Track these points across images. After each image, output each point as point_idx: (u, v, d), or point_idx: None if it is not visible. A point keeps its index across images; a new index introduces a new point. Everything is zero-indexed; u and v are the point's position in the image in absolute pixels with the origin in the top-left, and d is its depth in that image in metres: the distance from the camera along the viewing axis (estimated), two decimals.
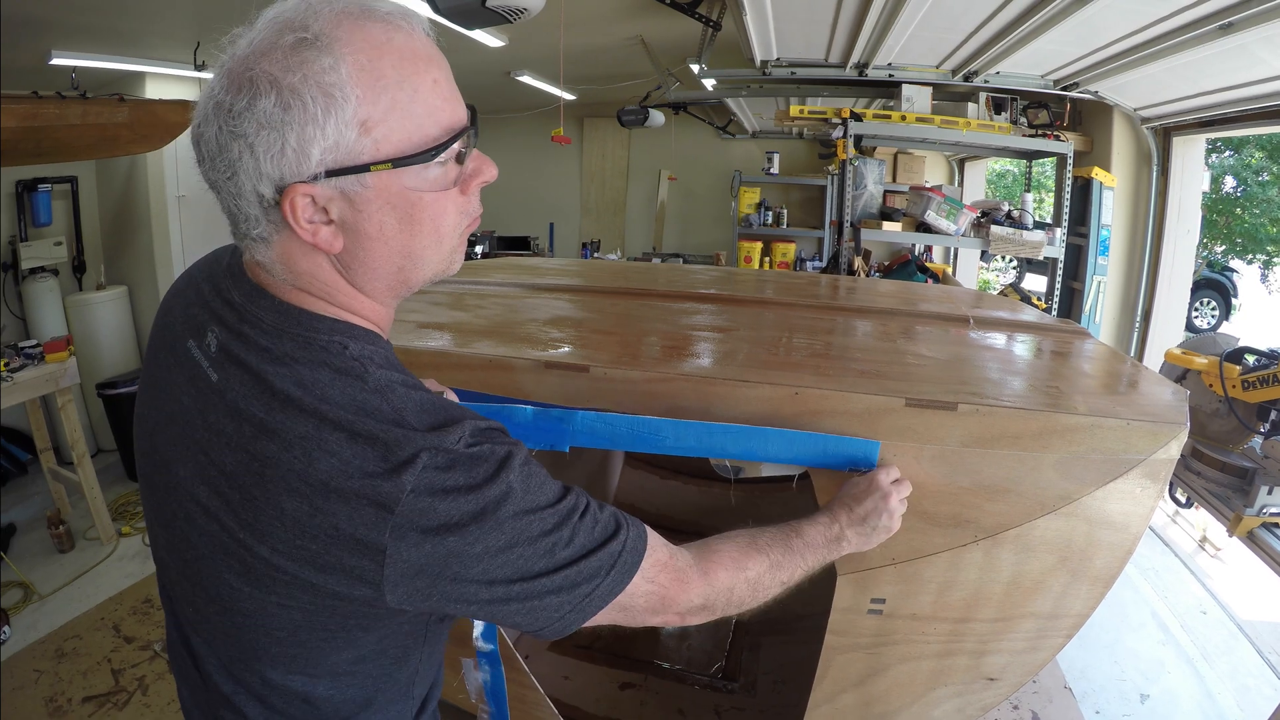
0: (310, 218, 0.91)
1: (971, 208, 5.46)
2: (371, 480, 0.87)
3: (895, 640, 1.73)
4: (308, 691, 1.03)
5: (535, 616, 0.99)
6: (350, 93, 0.86)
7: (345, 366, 0.94)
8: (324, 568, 0.90)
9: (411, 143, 0.91)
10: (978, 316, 2.56)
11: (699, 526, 3.89)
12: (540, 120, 10.43)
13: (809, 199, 9.30)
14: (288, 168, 0.87)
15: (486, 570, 0.92)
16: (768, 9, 4.22)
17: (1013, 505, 1.56)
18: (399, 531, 0.87)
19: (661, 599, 1.12)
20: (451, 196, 0.99)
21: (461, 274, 3.69)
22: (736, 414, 1.71)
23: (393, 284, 1.01)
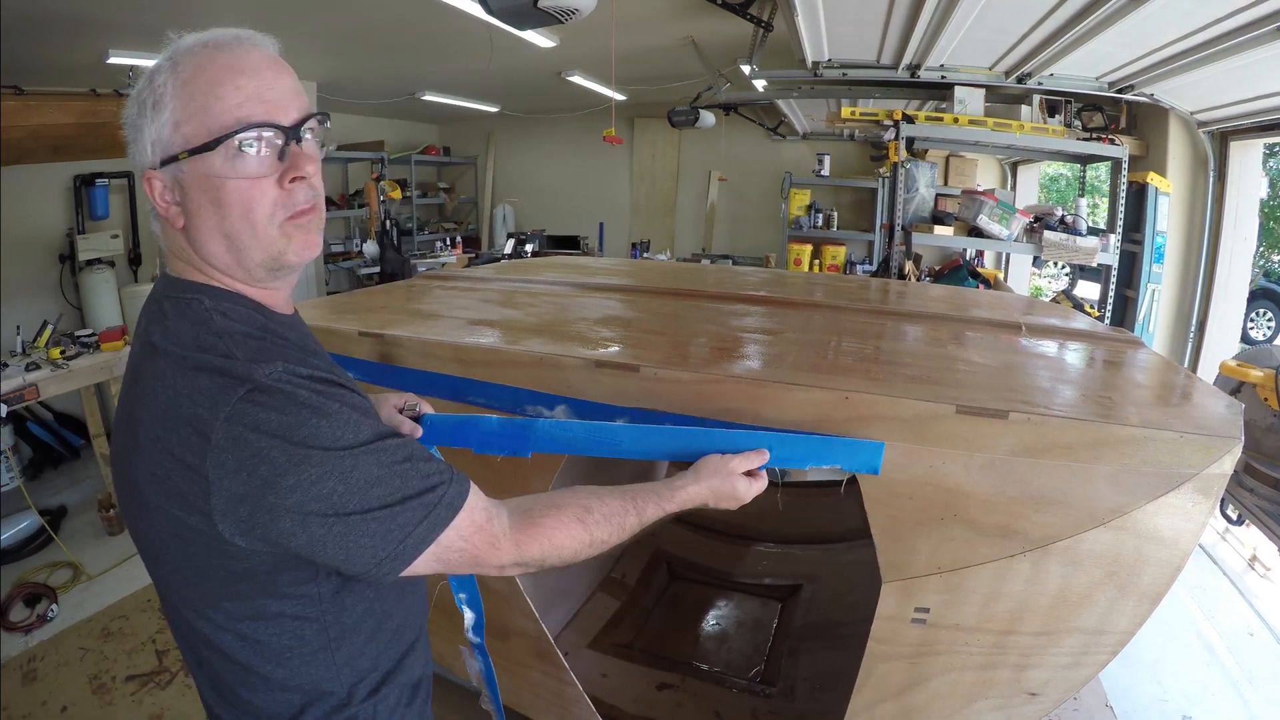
0: (163, 197, 1.12)
1: (1024, 212, 5.40)
2: (196, 409, 1.00)
3: (937, 651, 1.72)
4: (220, 638, 1.15)
5: (352, 557, 1.05)
6: (168, 100, 1.08)
7: (198, 316, 1.09)
8: (170, 493, 1.03)
9: (208, 135, 1.07)
10: (1029, 324, 2.54)
11: (742, 529, 3.93)
12: (591, 120, 10.50)
13: (860, 201, 9.25)
14: (142, 158, 1.11)
15: (300, 502, 1.00)
16: (819, 9, 4.21)
17: (1062, 517, 1.54)
18: (217, 458, 0.98)
19: (474, 558, 1.16)
20: (263, 186, 1.11)
21: (512, 272, 3.75)
22: (786, 418, 1.71)
23: (226, 261, 1.14)
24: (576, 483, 2.81)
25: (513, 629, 2.35)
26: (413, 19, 5.53)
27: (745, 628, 3.41)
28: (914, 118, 5.49)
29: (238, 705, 1.21)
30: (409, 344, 2.26)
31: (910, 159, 5.71)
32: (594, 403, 1.92)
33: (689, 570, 3.83)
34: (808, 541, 3.85)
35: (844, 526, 3.74)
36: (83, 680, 3.59)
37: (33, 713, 3.38)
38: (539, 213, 12.07)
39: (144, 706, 3.36)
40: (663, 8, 5.30)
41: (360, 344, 2.38)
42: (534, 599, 2.27)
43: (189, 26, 3.34)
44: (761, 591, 3.64)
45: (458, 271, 4.38)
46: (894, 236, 5.57)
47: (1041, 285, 11.48)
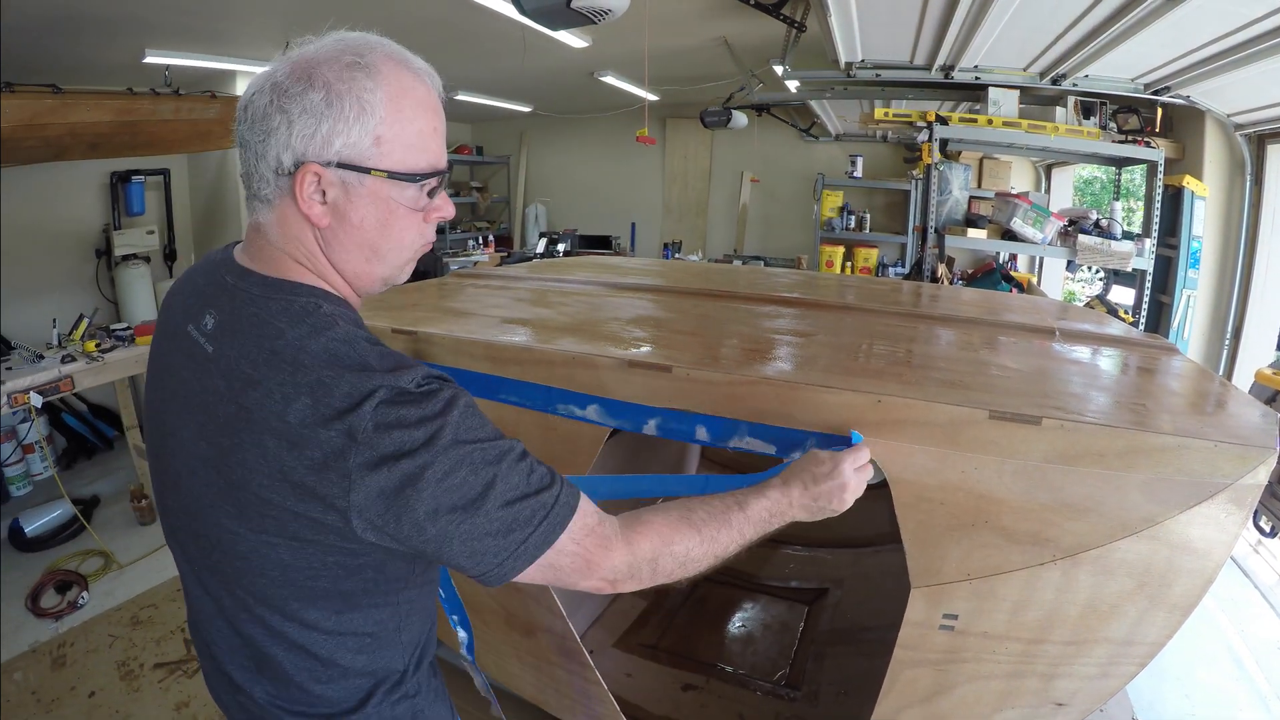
0: (311, 193, 1.13)
1: (1059, 216, 5.36)
2: (341, 416, 1.02)
3: (965, 658, 1.71)
4: (305, 636, 1.19)
5: (476, 554, 1.09)
6: (377, 112, 1.11)
7: (319, 322, 1.10)
8: (302, 497, 1.05)
9: (405, 165, 1.15)
10: (1063, 329, 2.52)
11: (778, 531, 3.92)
12: (623, 120, 10.52)
13: (892, 203, 9.20)
14: (311, 149, 1.10)
15: (434, 495, 1.04)
16: (852, 10, 4.20)
17: (1094, 525, 1.52)
18: (362, 457, 1.01)
19: (586, 561, 1.18)
20: (416, 219, 1.22)
21: (544, 271, 3.76)
22: (818, 420, 1.71)
23: (358, 270, 1.22)
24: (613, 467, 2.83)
25: (539, 626, 2.36)
26: (446, 19, 5.57)
27: (771, 630, 3.41)
28: (947, 119, 5.45)
29: (304, 701, 1.25)
30: (442, 341, 2.28)
31: (944, 161, 5.68)
32: (626, 403, 1.93)
33: (716, 571, 3.84)
34: (835, 545, 3.83)
35: (872, 530, 3.72)
36: (111, 667, 3.66)
37: (61, 697, 3.44)
38: (571, 212, 12.11)
39: (170, 694, 3.42)
40: (695, 8, 5.30)
41: (393, 341, 2.40)
42: (561, 596, 2.29)
43: (225, 27, 3.45)
44: (788, 594, 3.63)
45: (490, 270, 4.41)
46: (927, 239, 5.53)
47: (1075, 290, 11.36)
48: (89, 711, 3.34)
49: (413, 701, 1.34)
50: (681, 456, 4.19)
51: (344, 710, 1.26)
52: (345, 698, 1.26)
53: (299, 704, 1.25)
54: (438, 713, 1.42)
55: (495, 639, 2.57)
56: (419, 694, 1.36)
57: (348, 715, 1.26)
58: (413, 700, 1.34)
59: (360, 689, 1.27)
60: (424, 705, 1.36)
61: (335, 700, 1.25)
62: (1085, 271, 9.87)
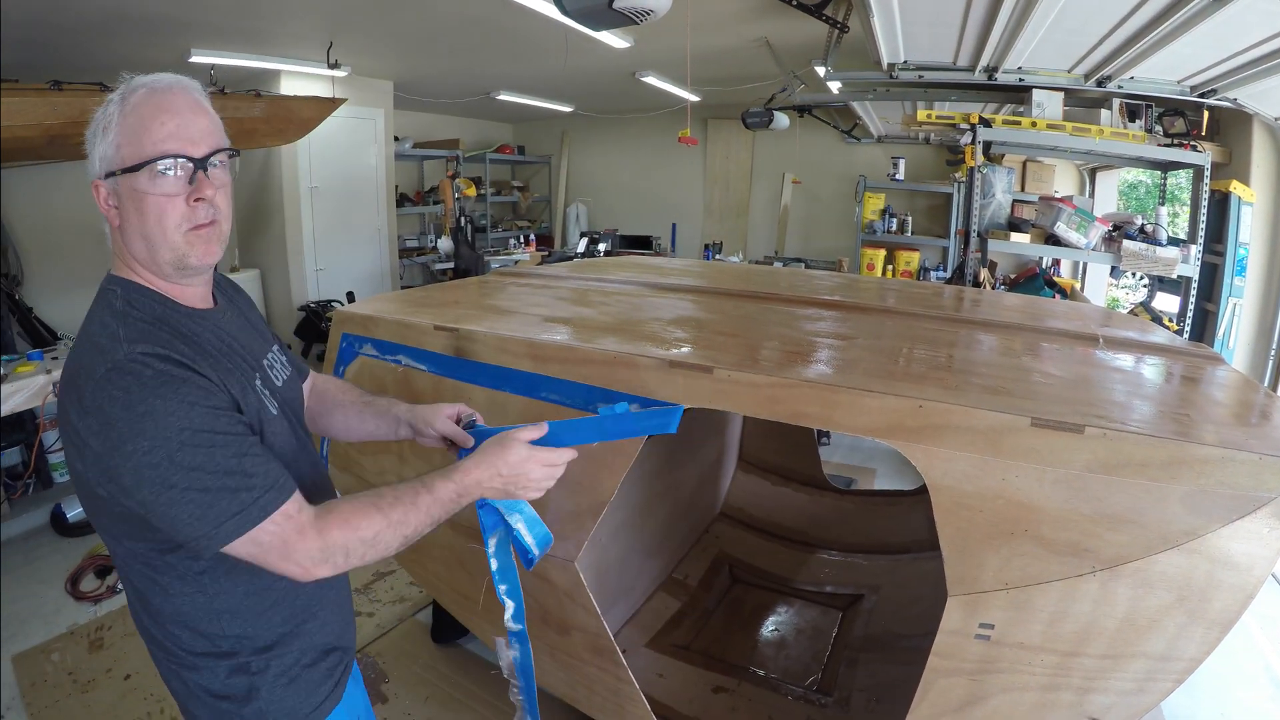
0: (106, 202, 1.37)
1: (1103, 220, 5.30)
2: (77, 378, 1.25)
3: (1000, 668, 1.70)
4: (125, 565, 1.41)
5: (175, 526, 1.23)
6: (114, 127, 1.33)
7: (107, 302, 1.36)
8: (69, 441, 1.28)
9: (130, 159, 1.32)
10: (1106, 336, 2.50)
11: (806, 536, 3.93)
12: (664, 121, 10.54)
13: (934, 206, 9.10)
14: (92, 169, 1.36)
15: (135, 467, 1.20)
16: (895, 10, 4.18)
17: (1134, 537, 1.51)
18: (86, 421, 1.22)
19: (284, 544, 1.29)
20: (174, 202, 1.35)
21: (585, 270, 3.79)
22: (858, 424, 1.72)
23: (146, 258, 1.38)
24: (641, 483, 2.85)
25: (573, 624, 2.39)
26: (488, 20, 5.61)
27: (804, 635, 3.41)
28: (991, 121, 5.41)
29: (142, 627, 1.49)
30: (484, 339, 2.31)
31: (987, 163, 5.63)
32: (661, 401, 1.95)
33: (751, 574, 3.84)
34: (872, 551, 3.83)
35: (909, 537, 3.72)
36: (147, 651, 3.70)
37: (97, 679, 3.50)
38: (612, 212, 12.16)
39: None
40: (737, 9, 5.30)
41: (435, 338, 2.43)
42: (596, 595, 2.30)
43: (268, 27, 3.57)
44: (822, 599, 3.63)
45: (531, 269, 4.44)
46: (969, 243, 5.48)
47: (1118, 296, 11.20)
48: (124, 694, 3.39)
49: (252, 677, 1.46)
50: (719, 457, 4.20)
51: (183, 664, 1.45)
52: (168, 643, 1.45)
53: (148, 639, 1.49)
54: (286, 699, 1.50)
55: (529, 634, 2.60)
56: (262, 673, 1.47)
57: (180, 664, 1.46)
58: (252, 676, 1.46)
59: (178, 638, 1.43)
60: (267, 686, 1.48)
61: (168, 647, 1.45)
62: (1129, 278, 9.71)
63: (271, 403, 1.49)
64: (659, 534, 3.65)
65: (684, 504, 3.88)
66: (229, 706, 1.46)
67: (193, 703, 1.48)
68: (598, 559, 3.10)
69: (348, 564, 1.37)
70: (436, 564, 2.83)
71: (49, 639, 3.84)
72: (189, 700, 1.49)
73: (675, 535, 3.84)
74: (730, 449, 4.41)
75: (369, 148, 8.63)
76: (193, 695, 1.47)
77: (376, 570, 4.35)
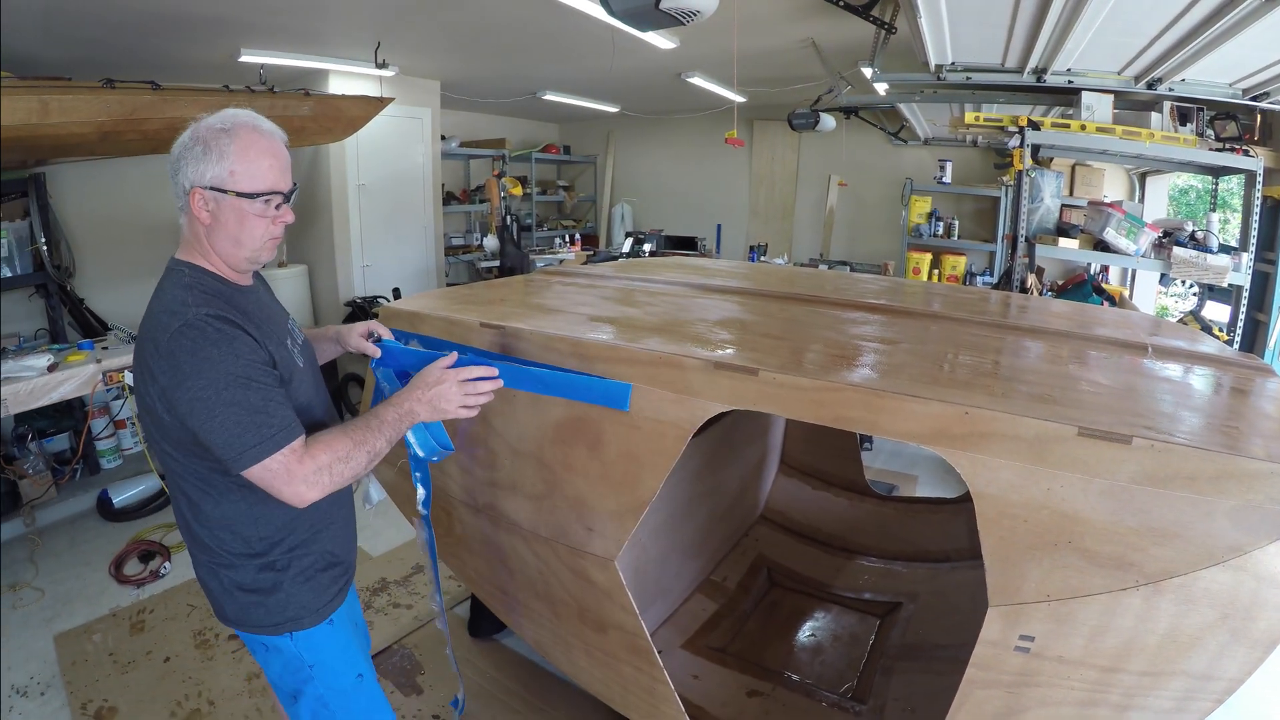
0: (201, 205, 1.76)
1: (1153, 226, 5.22)
2: (157, 333, 1.66)
3: (1038, 682, 1.68)
4: (184, 484, 1.82)
5: (214, 444, 1.64)
6: (229, 156, 1.73)
7: (179, 282, 1.76)
8: (140, 381, 1.72)
9: (246, 188, 1.76)
10: (1155, 345, 2.46)
11: (846, 542, 3.92)
12: (710, 122, 10.56)
13: (982, 210, 8.95)
14: (197, 179, 1.74)
15: (190, 398, 1.62)
16: (942, 10, 4.13)
17: (1179, 552, 1.48)
18: (159, 363, 1.64)
19: (288, 472, 1.68)
20: (263, 222, 1.81)
21: (629, 271, 3.80)
22: (903, 429, 1.72)
23: (227, 252, 1.82)
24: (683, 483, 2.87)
25: (611, 623, 2.41)
26: (535, 21, 5.64)
27: (841, 641, 3.40)
28: (1039, 124, 5.33)
29: (190, 533, 1.88)
30: (530, 337, 2.33)
31: (1035, 167, 5.56)
32: None
33: (789, 578, 3.84)
34: (911, 559, 3.81)
35: (949, 545, 3.69)
36: (187, 635, 3.80)
37: (137, 660, 3.60)
38: (657, 213, 12.18)
39: (243, 665, 3.54)
40: (783, 9, 5.28)
41: (481, 334, 2.46)
42: (635, 595, 2.32)
43: (318, 27, 3.74)
44: (860, 606, 3.62)
45: (576, 268, 4.46)
46: (1017, 248, 5.40)
47: (1168, 305, 11.01)
48: (163, 675, 3.48)
49: (277, 574, 1.90)
50: (761, 459, 4.20)
51: (218, 561, 1.88)
52: (215, 546, 1.86)
53: (194, 541, 1.89)
54: (301, 594, 1.94)
55: (566, 632, 2.62)
56: (285, 570, 1.91)
57: (220, 564, 1.88)
58: (277, 573, 1.90)
59: (223, 541, 1.85)
60: (288, 582, 1.92)
61: (210, 547, 1.86)
62: (1179, 286, 9.56)
63: (298, 358, 1.95)
64: (699, 535, 3.66)
65: (725, 506, 3.88)
66: (256, 599, 1.90)
67: (224, 596, 1.91)
68: (637, 558, 3.11)
69: (331, 482, 1.74)
70: (477, 559, 2.86)
71: (91, 620, 3.97)
72: (221, 595, 1.92)
73: (715, 537, 3.84)
74: (773, 452, 4.40)
75: (416, 146, 8.70)
76: (225, 590, 1.90)
77: (416, 564, 4.41)
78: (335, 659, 2.04)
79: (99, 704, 3.30)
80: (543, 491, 2.39)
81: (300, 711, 2.05)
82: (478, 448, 2.54)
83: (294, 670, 2.00)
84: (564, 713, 3.16)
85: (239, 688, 3.40)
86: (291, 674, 2.01)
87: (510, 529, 2.55)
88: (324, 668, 2.01)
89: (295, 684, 2.02)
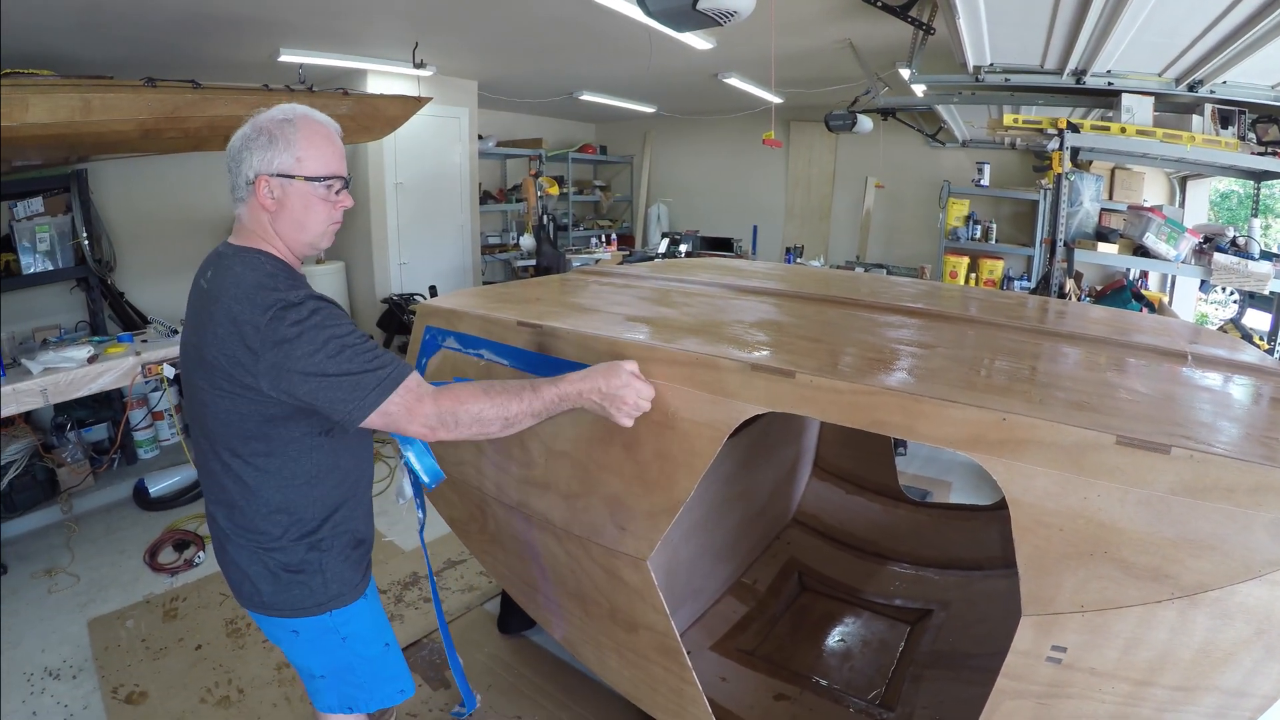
0: (266, 193, 1.84)
1: (1193, 232, 5.14)
2: (256, 314, 1.69)
3: (1069, 693, 1.66)
4: (241, 468, 1.87)
5: (332, 405, 1.72)
6: (295, 144, 1.83)
7: (258, 265, 1.80)
8: (233, 364, 1.71)
9: (312, 172, 1.86)
10: (1195, 353, 2.43)
11: (878, 547, 3.91)
12: (746, 123, 10.53)
13: (1020, 214, 8.85)
14: (263, 167, 1.83)
15: (303, 366, 1.68)
16: (981, 11, 4.10)
17: (1216, 565, 1.46)
18: (263, 339, 1.68)
19: (409, 409, 1.77)
20: (326, 206, 1.91)
21: (666, 271, 3.82)
22: (940, 434, 1.72)
23: (291, 238, 1.90)
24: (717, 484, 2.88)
25: (642, 623, 2.42)
26: (572, 21, 5.67)
27: (870, 647, 3.39)
28: (1079, 126, 5.26)
29: (238, 518, 1.93)
30: (567, 336, 2.35)
31: (1074, 170, 5.49)
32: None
33: (820, 582, 3.83)
34: (944, 566, 3.78)
35: (982, 553, 3.66)
36: (219, 624, 3.87)
37: (169, 647, 3.67)
38: (693, 213, 12.17)
39: (273, 654, 3.59)
40: (821, 10, 5.27)
41: (518, 333, 2.48)
42: (665, 595, 2.32)
43: (356, 28, 3.93)
44: (891, 612, 3.61)
45: (613, 268, 4.47)
46: (1055, 252, 5.35)
47: (1208, 312, 10.84)
48: (194, 663, 3.55)
49: (321, 554, 1.98)
50: (795, 462, 4.19)
51: (266, 545, 1.93)
52: (269, 530, 1.92)
53: (242, 528, 1.93)
54: (342, 572, 2.04)
55: (596, 631, 2.64)
56: (328, 550, 1.99)
57: (268, 548, 1.94)
58: (321, 553, 1.98)
59: (279, 524, 1.92)
60: (330, 561, 2.00)
61: (263, 531, 1.92)
62: (1219, 293, 9.41)
63: None
64: (731, 537, 3.66)
65: (757, 508, 3.88)
66: (301, 579, 1.97)
67: (266, 580, 1.97)
68: (669, 559, 3.12)
69: (458, 431, 1.82)
70: (508, 556, 2.89)
71: (125, 606, 4.06)
72: (263, 578, 1.97)
73: (747, 539, 3.85)
74: (806, 455, 4.39)
75: (453, 146, 8.78)
76: (270, 573, 1.96)
77: (448, 559, 4.44)
78: (366, 629, 2.13)
79: (130, 688, 3.37)
80: (577, 490, 2.40)
81: (323, 687, 2.16)
82: (513, 445, 2.56)
83: (323, 648, 2.08)
84: (591, 711, 3.17)
85: (269, 676, 3.45)
86: (320, 652, 2.09)
87: (543, 526, 2.57)
88: (356, 638, 2.10)
89: (323, 660, 2.11)
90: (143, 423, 5.98)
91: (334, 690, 2.16)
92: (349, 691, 2.17)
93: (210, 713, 3.22)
